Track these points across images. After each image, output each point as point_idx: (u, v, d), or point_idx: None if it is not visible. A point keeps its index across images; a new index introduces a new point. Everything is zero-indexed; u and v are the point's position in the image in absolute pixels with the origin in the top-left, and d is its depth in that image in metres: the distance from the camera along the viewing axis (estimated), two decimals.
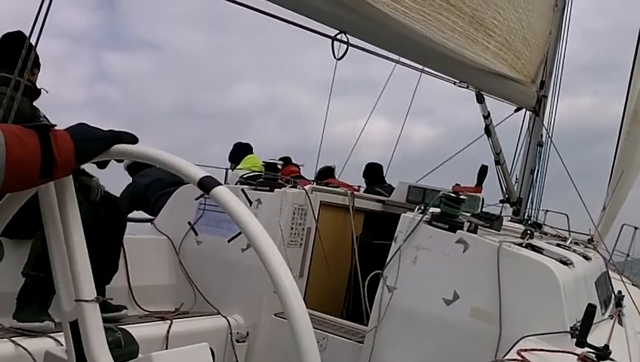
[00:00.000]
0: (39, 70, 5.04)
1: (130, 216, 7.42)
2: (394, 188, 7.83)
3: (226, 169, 9.22)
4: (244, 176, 6.36)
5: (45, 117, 4.92)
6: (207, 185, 2.01)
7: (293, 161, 9.98)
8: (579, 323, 3.71)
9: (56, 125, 2.10)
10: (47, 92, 5.06)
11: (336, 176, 10.26)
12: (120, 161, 2.40)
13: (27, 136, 1.98)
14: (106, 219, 4.86)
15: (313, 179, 9.00)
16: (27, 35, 3.81)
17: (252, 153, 9.72)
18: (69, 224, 2.27)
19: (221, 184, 2.00)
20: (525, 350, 3.50)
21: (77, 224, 2.29)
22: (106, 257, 4.94)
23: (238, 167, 9.03)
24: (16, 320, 4.24)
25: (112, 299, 4.92)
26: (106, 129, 2.26)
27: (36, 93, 4.98)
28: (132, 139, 2.28)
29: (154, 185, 7.71)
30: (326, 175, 9.55)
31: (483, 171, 5.54)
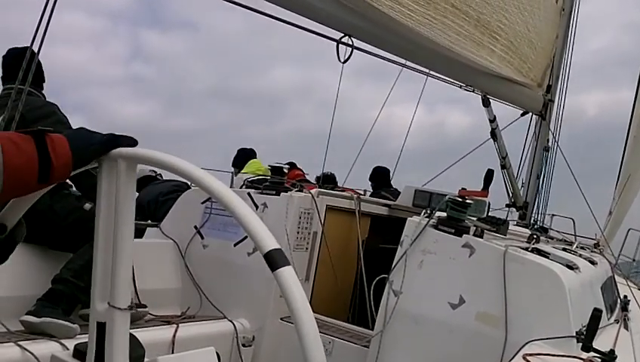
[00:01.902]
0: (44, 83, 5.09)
1: (136, 221, 7.42)
2: (400, 193, 7.84)
3: (232, 173, 9.25)
4: (251, 180, 6.36)
5: (61, 111, 4.93)
6: (275, 261, 1.92)
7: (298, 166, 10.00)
8: (584, 328, 3.71)
9: (51, 130, 2.11)
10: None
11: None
12: None
13: (23, 142, 1.99)
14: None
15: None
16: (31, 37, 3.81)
17: (255, 158, 9.75)
18: (122, 230, 2.27)
19: (289, 263, 1.92)
20: (531, 354, 3.50)
21: (129, 231, 2.29)
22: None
23: (242, 172, 9.05)
24: (35, 316, 4.23)
25: None
26: (105, 132, 2.27)
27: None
28: (131, 143, 2.28)
29: (155, 198, 7.74)
30: (327, 182, 9.55)
31: (489, 175, 5.55)
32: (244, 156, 9.82)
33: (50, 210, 4.67)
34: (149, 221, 7.42)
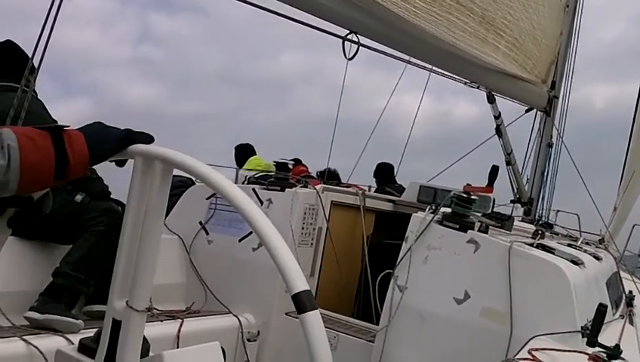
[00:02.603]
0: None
1: None
2: (404, 188, 7.84)
3: (236, 169, 9.26)
4: (256, 176, 6.36)
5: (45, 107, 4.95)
6: (303, 304, 1.87)
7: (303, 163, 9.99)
8: (590, 323, 3.71)
9: (69, 126, 2.10)
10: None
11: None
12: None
13: (40, 138, 1.98)
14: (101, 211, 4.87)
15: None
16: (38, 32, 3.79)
17: (255, 154, 9.76)
18: (150, 232, 2.27)
19: (316, 307, 1.88)
20: (536, 349, 3.50)
21: (157, 234, 2.29)
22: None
23: (244, 168, 9.06)
24: (39, 312, 4.24)
25: None
26: (123, 128, 2.27)
27: None
28: (147, 139, 2.28)
29: None
30: (331, 178, 9.52)
31: (494, 171, 5.54)
32: (243, 153, 9.83)
33: (70, 215, 4.71)
34: None
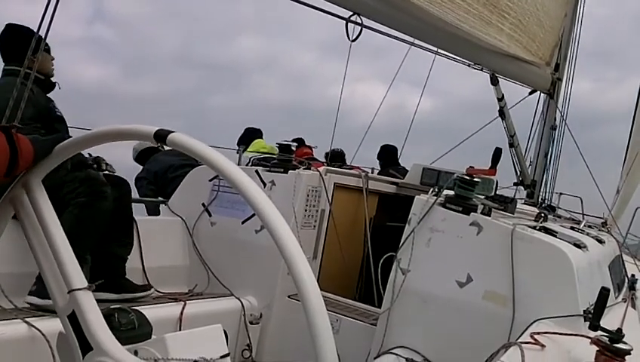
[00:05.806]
0: (53, 59, 5.11)
1: (144, 198, 7.47)
2: (407, 171, 7.83)
3: (238, 150, 9.27)
4: (259, 158, 6.36)
5: (57, 108, 4.96)
6: (162, 134, 2.10)
7: (307, 143, 9.98)
8: (592, 307, 3.71)
9: (20, 126, 2.19)
10: (59, 88, 5.09)
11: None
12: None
13: None
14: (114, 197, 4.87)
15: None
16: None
17: (261, 137, 9.75)
18: (46, 220, 2.36)
19: (174, 131, 2.10)
20: (538, 333, 3.50)
21: (53, 219, 2.36)
22: (118, 234, 4.99)
23: (248, 150, 9.07)
24: (38, 297, 4.24)
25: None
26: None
27: (51, 85, 5.03)
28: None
29: (164, 171, 7.74)
30: (336, 158, 9.49)
31: (497, 154, 5.53)
32: (250, 135, 9.81)
33: (56, 189, 4.67)
34: (158, 193, 7.47)
